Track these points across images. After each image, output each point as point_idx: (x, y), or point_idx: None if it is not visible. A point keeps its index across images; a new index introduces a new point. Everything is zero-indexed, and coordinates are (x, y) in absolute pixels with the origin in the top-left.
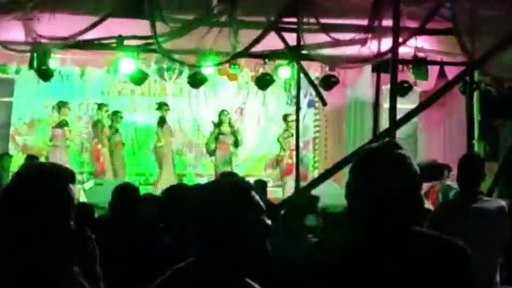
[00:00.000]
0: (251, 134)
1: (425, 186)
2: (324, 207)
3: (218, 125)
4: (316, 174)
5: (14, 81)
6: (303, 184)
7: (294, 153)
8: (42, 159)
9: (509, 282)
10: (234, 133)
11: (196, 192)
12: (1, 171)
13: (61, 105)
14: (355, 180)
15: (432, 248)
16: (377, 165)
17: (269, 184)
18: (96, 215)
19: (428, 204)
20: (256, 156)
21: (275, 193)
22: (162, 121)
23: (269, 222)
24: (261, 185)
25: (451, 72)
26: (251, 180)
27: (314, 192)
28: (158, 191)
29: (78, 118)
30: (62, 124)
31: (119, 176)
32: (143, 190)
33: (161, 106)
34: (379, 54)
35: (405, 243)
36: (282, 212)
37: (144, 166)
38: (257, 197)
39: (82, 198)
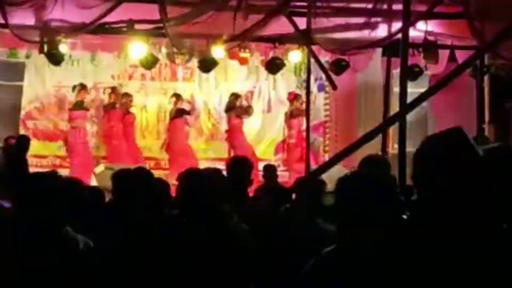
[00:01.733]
0: (262, 117)
1: None
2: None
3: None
4: (326, 158)
5: (24, 66)
6: (313, 168)
7: (303, 135)
8: (58, 144)
9: None
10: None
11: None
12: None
13: (80, 87)
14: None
15: None
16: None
17: (279, 169)
18: (107, 200)
19: None
20: (265, 140)
21: (284, 177)
22: (178, 114)
23: None
24: (270, 170)
25: (462, 56)
26: (261, 164)
27: (324, 176)
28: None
29: None
30: (81, 106)
31: (131, 160)
32: (154, 175)
33: (178, 98)
34: (390, 37)
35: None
36: (293, 195)
37: (154, 150)
38: None
39: (93, 183)
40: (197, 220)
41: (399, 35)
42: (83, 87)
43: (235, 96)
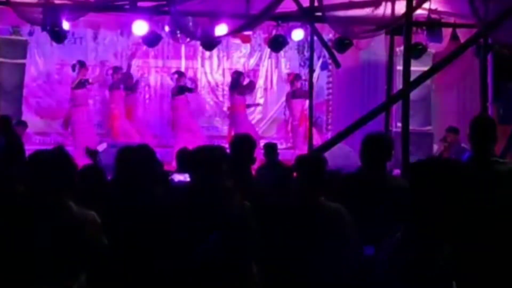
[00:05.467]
0: (264, 96)
1: (438, 148)
2: (338, 168)
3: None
4: (329, 136)
5: (27, 43)
6: (316, 146)
7: (306, 114)
8: (61, 121)
9: None
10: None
11: None
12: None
13: (79, 65)
14: None
15: None
16: None
17: (281, 146)
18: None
19: None
20: (268, 118)
21: (287, 155)
22: (182, 90)
23: None
24: (271, 148)
25: (466, 33)
26: (262, 142)
27: (327, 154)
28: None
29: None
30: (83, 84)
31: (135, 138)
32: (158, 153)
33: (181, 75)
34: (393, 18)
35: None
36: (295, 173)
37: (158, 128)
38: None
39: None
40: (201, 197)
41: (403, 13)
42: (82, 64)
43: (238, 74)
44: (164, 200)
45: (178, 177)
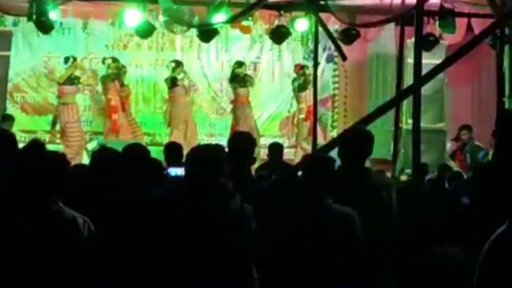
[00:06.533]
0: (265, 91)
1: (451, 147)
2: None
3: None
4: (335, 134)
5: (11, 34)
6: (320, 144)
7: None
8: (48, 118)
9: None
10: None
11: None
12: None
13: (69, 60)
14: None
15: None
16: None
17: (285, 145)
18: None
19: (454, 166)
20: (270, 115)
21: (290, 155)
22: (174, 82)
23: None
24: (277, 148)
25: (479, 25)
26: (267, 142)
27: (333, 153)
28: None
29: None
30: (72, 80)
31: (128, 135)
32: (152, 152)
33: (178, 65)
34: (403, 8)
35: None
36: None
37: (150, 125)
38: None
39: (85, 160)
40: (198, 199)
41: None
42: (74, 60)
43: (238, 65)
44: (159, 203)
45: (174, 171)
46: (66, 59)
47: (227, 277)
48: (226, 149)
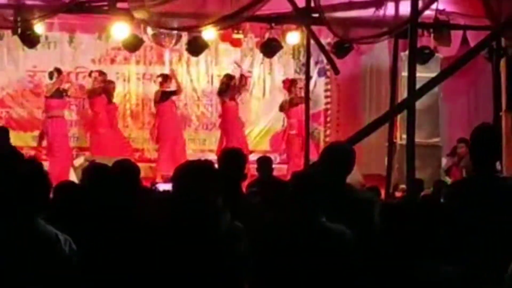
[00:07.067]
0: (256, 105)
1: (447, 162)
2: None
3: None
4: None
5: None
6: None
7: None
8: (33, 134)
9: None
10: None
11: None
12: None
13: (57, 73)
14: None
15: None
16: None
17: (275, 161)
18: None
19: (450, 182)
20: (260, 130)
21: (281, 170)
22: (164, 97)
23: None
24: (266, 162)
25: (475, 37)
26: (255, 156)
27: None
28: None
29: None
30: (59, 94)
31: (116, 152)
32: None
33: (165, 79)
34: (397, 20)
35: None
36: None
37: (139, 140)
38: None
39: (72, 177)
40: (186, 218)
41: (407, 14)
42: (60, 72)
43: (228, 77)
44: (145, 222)
45: (163, 187)
46: (50, 74)
47: None
48: (216, 165)
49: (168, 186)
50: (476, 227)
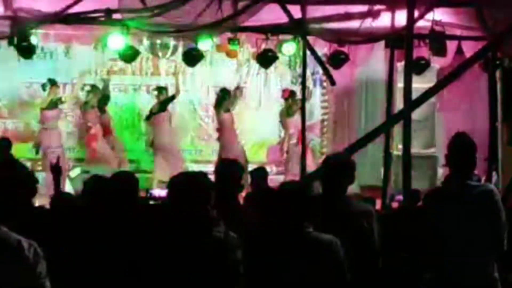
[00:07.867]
0: (252, 116)
1: (443, 172)
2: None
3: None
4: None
5: None
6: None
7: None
8: (29, 145)
9: None
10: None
11: None
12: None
13: (51, 84)
14: None
15: None
16: None
17: (272, 172)
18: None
19: None
20: (257, 141)
21: (278, 181)
22: (160, 108)
23: None
24: (261, 173)
25: (471, 47)
26: (251, 168)
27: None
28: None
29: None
30: (54, 104)
31: (111, 163)
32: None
33: (161, 91)
34: (393, 29)
35: None
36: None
37: (134, 151)
38: None
39: (68, 187)
40: (179, 229)
41: (403, 25)
42: (53, 83)
43: (225, 92)
44: (138, 234)
45: (158, 192)
46: (44, 86)
47: None
48: (213, 176)
49: (163, 192)
50: (448, 233)
